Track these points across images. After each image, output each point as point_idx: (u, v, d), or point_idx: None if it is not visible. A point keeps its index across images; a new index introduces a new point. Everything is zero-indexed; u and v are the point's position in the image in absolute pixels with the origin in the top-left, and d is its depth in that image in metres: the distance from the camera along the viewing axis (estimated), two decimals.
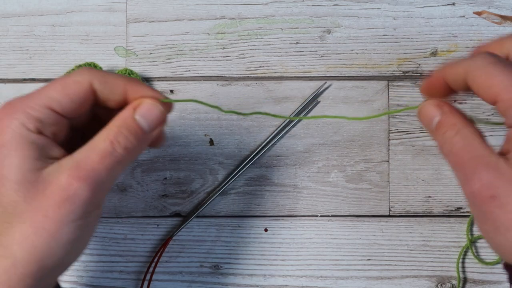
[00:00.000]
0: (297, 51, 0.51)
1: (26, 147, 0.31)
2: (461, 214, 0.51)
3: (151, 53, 0.51)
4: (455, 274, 0.50)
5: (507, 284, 0.34)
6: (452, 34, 0.51)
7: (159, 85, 0.51)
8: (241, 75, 0.51)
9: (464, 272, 0.51)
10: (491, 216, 0.32)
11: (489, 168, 0.32)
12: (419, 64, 0.51)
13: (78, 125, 0.36)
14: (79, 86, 0.33)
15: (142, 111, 0.34)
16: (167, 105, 0.35)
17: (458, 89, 0.36)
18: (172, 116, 0.50)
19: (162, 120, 0.35)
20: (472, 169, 0.32)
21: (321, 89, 0.51)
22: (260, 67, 0.51)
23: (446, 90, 0.37)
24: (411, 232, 0.51)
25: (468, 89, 0.36)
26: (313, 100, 0.51)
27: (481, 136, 0.35)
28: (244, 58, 0.51)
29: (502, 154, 0.34)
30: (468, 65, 0.35)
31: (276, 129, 0.50)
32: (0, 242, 0.31)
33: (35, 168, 0.31)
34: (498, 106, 0.33)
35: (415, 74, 0.51)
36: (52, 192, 0.30)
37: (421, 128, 0.51)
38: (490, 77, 0.33)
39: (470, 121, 0.36)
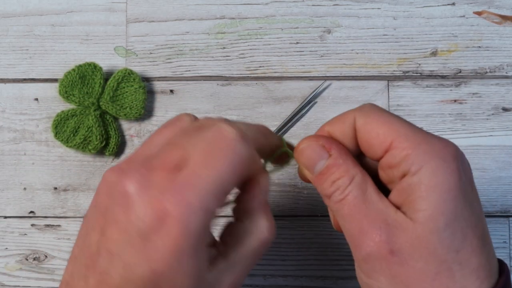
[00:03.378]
0: (297, 51, 0.51)
1: (201, 253, 0.28)
2: None
3: (151, 53, 0.51)
4: None
5: None
6: (452, 34, 0.51)
7: (159, 85, 0.51)
8: (241, 75, 0.51)
9: None
10: (387, 273, 0.30)
11: (388, 223, 0.30)
12: (419, 64, 0.51)
13: None
14: (243, 160, 0.29)
15: (266, 188, 0.33)
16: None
17: (347, 144, 0.33)
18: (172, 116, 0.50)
19: None
20: (369, 223, 0.30)
21: (320, 88, 0.51)
22: (260, 67, 0.51)
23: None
24: None
25: (355, 145, 0.33)
26: (310, 101, 0.51)
27: (374, 185, 0.32)
28: (244, 58, 0.51)
29: (396, 207, 0.31)
30: (357, 112, 0.32)
31: (276, 129, 0.50)
32: None
33: (203, 273, 0.29)
34: (390, 155, 0.30)
35: (415, 74, 0.51)
36: None
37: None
38: (385, 123, 0.31)
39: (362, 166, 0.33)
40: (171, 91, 0.51)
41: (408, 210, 0.30)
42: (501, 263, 0.33)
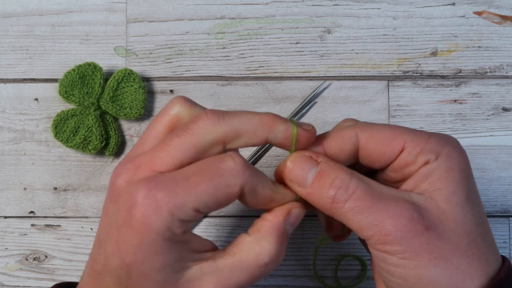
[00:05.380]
0: (297, 51, 0.51)
1: (168, 251, 0.29)
2: None
3: (151, 53, 0.51)
4: None
5: None
6: (452, 34, 0.51)
7: (159, 85, 0.51)
8: (241, 75, 0.51)
9: None
10: (426, 249, 0.29)
11: (412, 202, 0.30)
12: (419, 64, 0.51)
13: None
14: (230, 191, 0.30)
15: (292, 220, 0.33)
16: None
17: (344, 158, 0.33)
18: None
19: None
20: (395, 207, 0.30)
21: (320, 88, 0.51)
22: (260, 67, 0.51)
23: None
24: None
25: (350, 159, 0.33)
26: (309, 101, 0.51)
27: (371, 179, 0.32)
28: (244, 58, 0.51)
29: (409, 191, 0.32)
30: (358, 128, 0.33)
31: None
32: None
33: (176, 271, 0.30)
34: (406, 154, 0.31)
35: (415, 74, 0.51)
36: None
37: (420, 128, 0.51)
38: (389, 131, 0.32)
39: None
40: (171, 91, 0.51)
41: (424, 191, 0.31)
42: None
